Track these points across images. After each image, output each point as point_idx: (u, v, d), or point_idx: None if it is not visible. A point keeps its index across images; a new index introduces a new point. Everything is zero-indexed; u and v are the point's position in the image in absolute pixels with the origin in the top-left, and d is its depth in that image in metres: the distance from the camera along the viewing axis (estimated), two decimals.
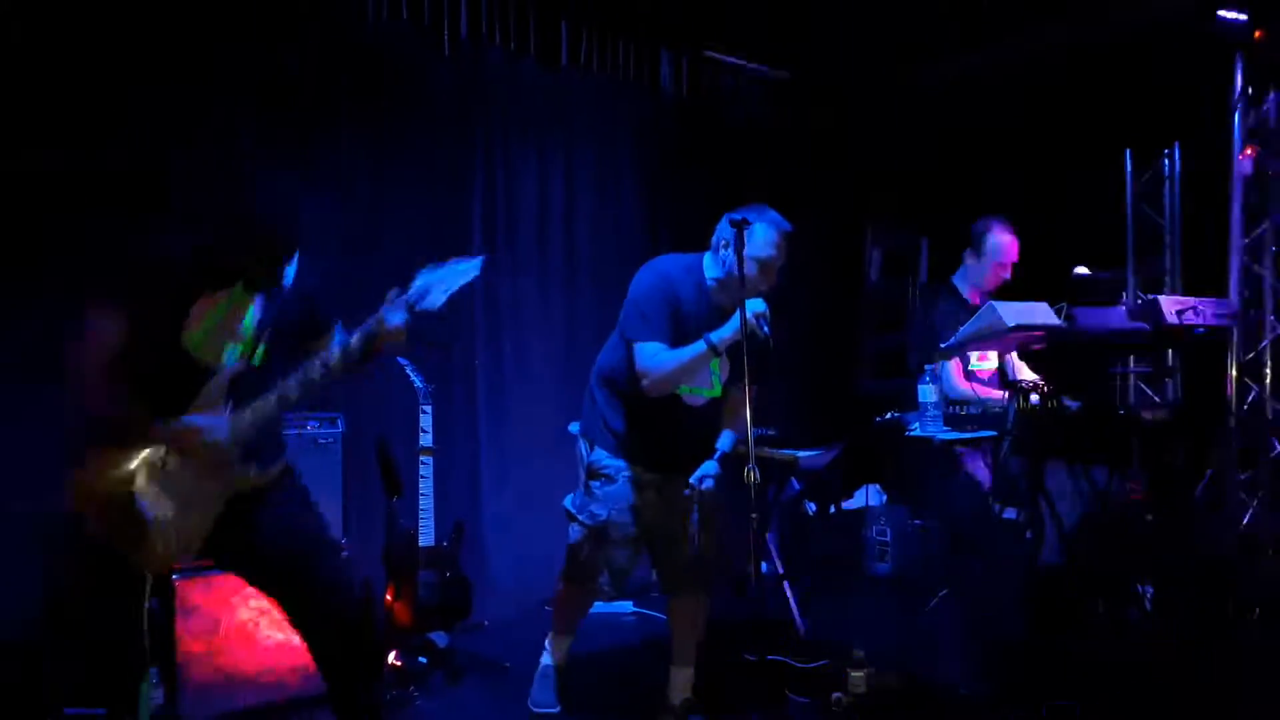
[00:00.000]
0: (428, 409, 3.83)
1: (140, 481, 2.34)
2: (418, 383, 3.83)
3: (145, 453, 2.36)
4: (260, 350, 2.46)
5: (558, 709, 3.43)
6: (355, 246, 4.28)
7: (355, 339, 2.41)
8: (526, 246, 4.86)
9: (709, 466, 3.20)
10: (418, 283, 2.44)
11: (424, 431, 3.82)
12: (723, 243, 3.08)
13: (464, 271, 2.48)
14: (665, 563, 3.33)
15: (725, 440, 3.24)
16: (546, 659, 3.52)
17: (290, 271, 2.51)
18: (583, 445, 3.30)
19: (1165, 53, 4.60)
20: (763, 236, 3.02)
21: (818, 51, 5.59)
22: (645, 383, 3.03)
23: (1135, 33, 4.77)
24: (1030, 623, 3.69)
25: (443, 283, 2.46)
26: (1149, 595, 4.40)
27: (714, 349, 2.94)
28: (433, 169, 4.53)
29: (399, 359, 3.85)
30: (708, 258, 3.18)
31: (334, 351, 2.41)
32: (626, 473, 3.20)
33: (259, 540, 2.48)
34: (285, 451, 2.60)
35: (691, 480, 3.20)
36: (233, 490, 2.40)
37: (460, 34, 4.56)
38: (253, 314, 2.45)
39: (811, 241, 6.00)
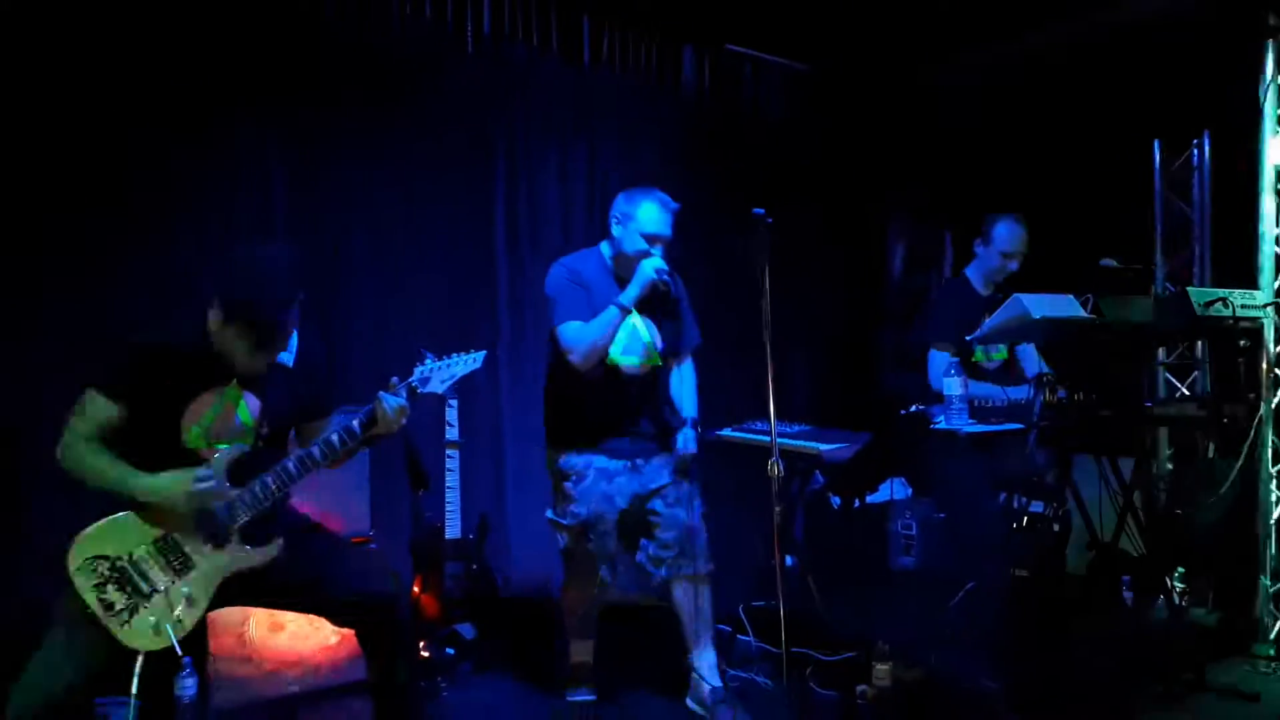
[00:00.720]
0: (453, 403, 3.86)
1: (142, 551, 2.40)
2: None
3: (151, 525, 2.42)
4: (262, 436, 2.54)
5: (594, 696, 3.49)
6: (377, 247, 4.31)
7: (356, 422, 2.52)
8: (550, 241, 4.87)
9: (686, 435, 3.35)
10: (419, 370, 2.59)
11: (450, 425, 3.86)
12: (615, 218, 3.32)
13: (466, 362, 2.66)
14: (653, 546, 3.36)
15: (689, 405, 3.45)
16: (579, 656, 3.55)
17: (289, 355, 2.58)
18: (548, 456, 3.42)
19: (1195, 40, 4.54)
20: (655, 214, 3.26)
21: (841, 44, 5.56)
22: (573, 358, 3.21)
23: (1164, 20, 4.71)
24: (1055, 616, 3.68)
25: (443, 371, 2.62)
26: (1178, 589, 4.37)
27: (624, 309, 3.20)
28: (456, 166, 4.55)
29: (424, 353, 3.88)
30: (604, 245, 3.41)
31: (334, 435, 2.51)
32: (595, 466, 3.30)
33: (267, 590, 2.57)
34: (293, 522, 2.65)
35: (677, 449, 3.33)
36: (232, 570, 2.46)
37: (483, 32, 4.57)
38: (246, 407, 2.51)
39: (834, 235, 6.00)
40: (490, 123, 4.67)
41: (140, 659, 2.46)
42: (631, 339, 3.35)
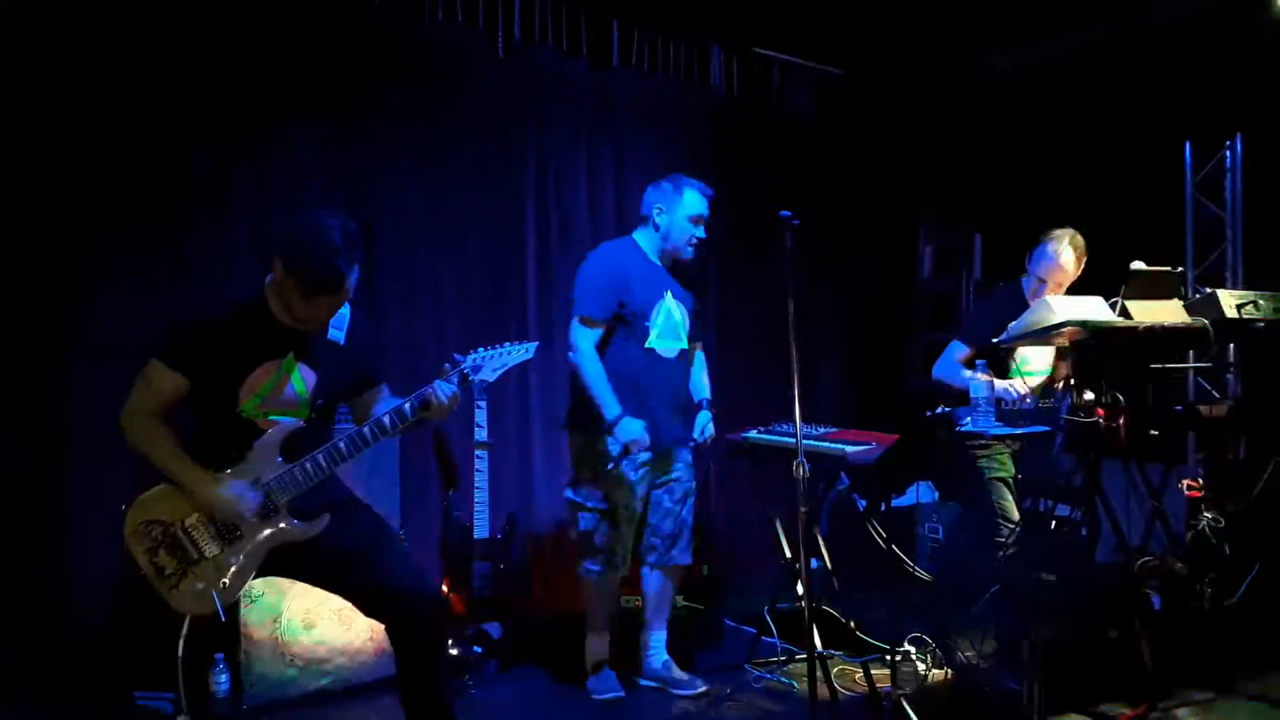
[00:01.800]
0: (482, 404, 3.90)
1: (194, 519, 2.45)
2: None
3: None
4: (315, 408, 2.57)
5: (623, 694, 3.54)
6: (410, 247, 4.37)
7: (408, 405, 2.55)
8: (578, 242, 4.90)
9: (705, 418, 3.56)
10: (472, 357, 2.62)
11: (479, 426, 3.89)
12: (656, 209, 3.51)
13: (519, 352, 2.71)
14: (646, 533, 3.57)
15: (704, 388, 3.66)
16: (599, 654, 3.62)
17: (341, 332, 2.61)
18: (578, 439, 3.52)
19: (1226, 42, 4.51)
20: (697, 199, 3.49)
21: (870, 47, 5.56)
22: (571, 358, 3.43)
23: (1196, 22, 4.68)
24: (1085, 620, 3.66)
25: (495, 360, 2.66)
26: (1208, 594, 4.32)
27: (614, 421, 3.33)
28: (486, 168, 4.60)
29: (455, 355, 3.93)
30: (638, 235, 3.59)
31: (386, 417, 2.53)
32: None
33: (311, 562, 2.58)
34: (341, 496, 2.67)
35: (694, 436, 3.54)
36: (279, 542, 2.50)
37: (514, 35, 4.62)
38: (301, 379, 2.54)
39: (864, 237, 6.00)
40: (520, 125, 4.71)
41: (187, 622, 2.52)
42: (668, 323, 3.49)
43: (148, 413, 2.45)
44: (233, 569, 2.46)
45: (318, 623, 3.50)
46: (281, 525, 2.50)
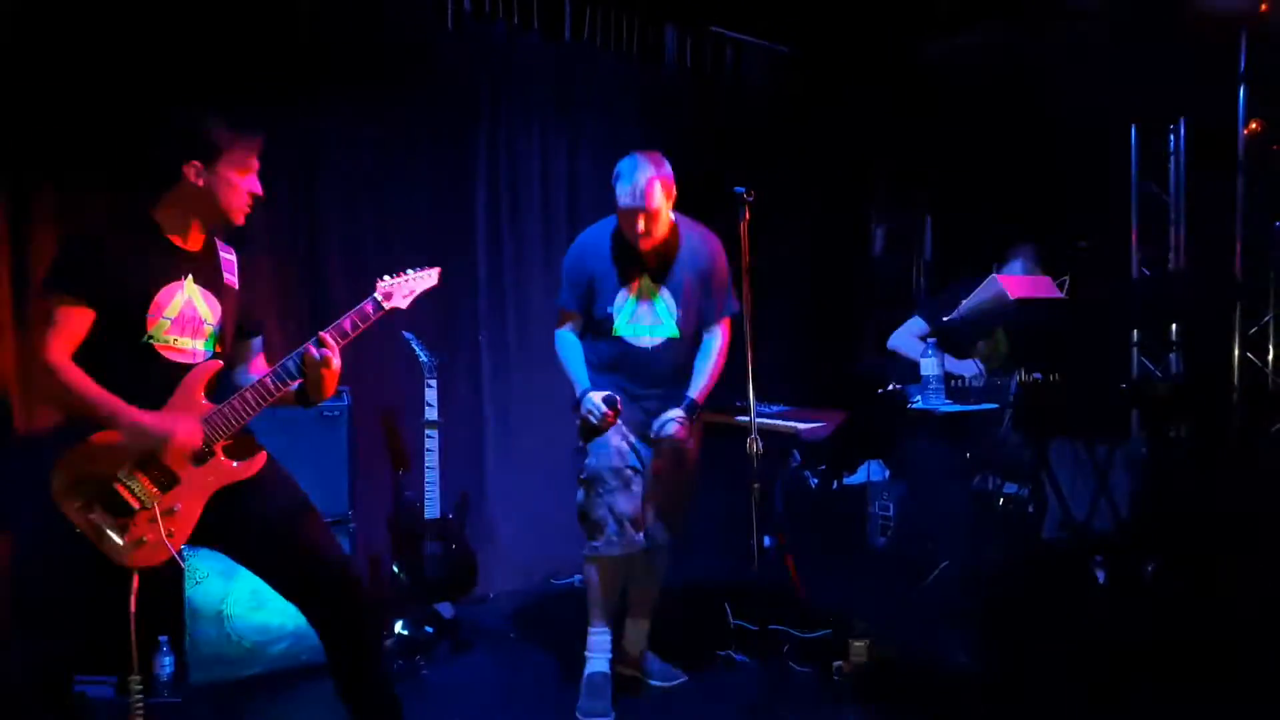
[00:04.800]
0: (433, 383, 3.86)
1: (126, 469, 2.35)
2: (423, 357, 3.86)
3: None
4: (220, 341, 2.53)
5: (611, 717, 3.18)
6: (357, 222, 4.28)
7: (326, 332, 2.52)
8: (530, 220, 4.86)
9: (672, 412, 3.33)
10: (381, 285, 2.65)
11: (429, 405, 3.85)
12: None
13: (423, 278, 2.70)
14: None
15: (696, 382, 3.38)
16: (597, 664, 3.31)
17: (234, 276, 2.58)
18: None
19: (1172, 27, 4.57)
20: (635, 165, 3.32)
21: (822, 26, 5.56)
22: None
23: (1142, 6, 4.74)
24: (1031, 595, 3.73)
25: (404, 286, 2.67)
26: (1150, 569, 4.43)
27: (584, 391, 3.30)
28: (436, 143, 4.52)
29: (404, 334, 3.88)
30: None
31: (311, 343, 2.49)
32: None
33: (244, 524, 2.51)
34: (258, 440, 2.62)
35: (654, 427, 3.32)
36: (221, 482, 2.44)
37: (464, 8, 4.54)
38: (206, 305, 2.50)
39: (815, 217, 6.02)
40: (471, 100, 4.64)
41: (135, 578, 2.41)
42: (636, 316, 3.33)
43: (67, 356, 2.31)
44: (175, 517, 2.38)
45: (266, 602, 3.44)
46: (218, 468, 2.43)
